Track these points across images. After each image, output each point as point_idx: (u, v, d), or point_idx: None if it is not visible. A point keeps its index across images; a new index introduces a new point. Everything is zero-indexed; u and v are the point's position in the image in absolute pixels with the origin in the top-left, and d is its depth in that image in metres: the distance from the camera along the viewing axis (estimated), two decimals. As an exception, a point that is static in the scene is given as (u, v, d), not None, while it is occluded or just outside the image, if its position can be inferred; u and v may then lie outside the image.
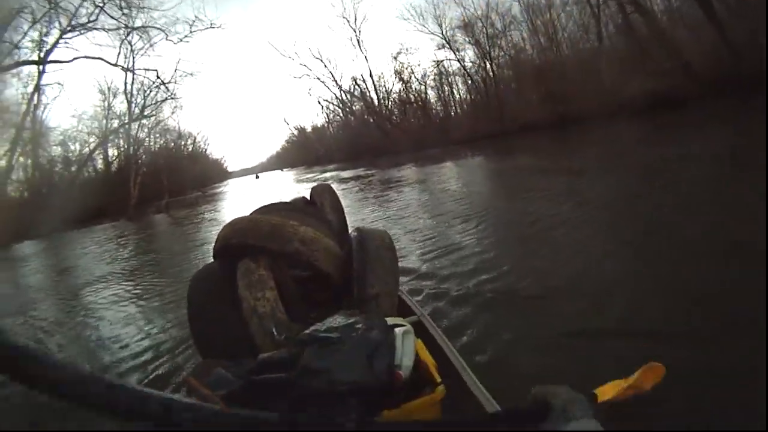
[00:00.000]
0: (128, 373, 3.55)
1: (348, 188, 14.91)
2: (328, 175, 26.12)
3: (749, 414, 1.99)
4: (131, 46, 28.87)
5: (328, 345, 1.51)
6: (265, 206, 3.03)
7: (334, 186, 4.38)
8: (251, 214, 2.85)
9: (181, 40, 29.46)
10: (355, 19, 35.88)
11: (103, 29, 26.48)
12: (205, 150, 49.90)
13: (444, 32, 29.93)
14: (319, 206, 3.45)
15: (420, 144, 28.01)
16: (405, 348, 1.60)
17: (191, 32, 29.07)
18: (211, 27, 31.06)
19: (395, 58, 34.37)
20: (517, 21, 27.09)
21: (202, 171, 43.38)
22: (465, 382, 1.82)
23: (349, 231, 2.88)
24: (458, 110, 32.31)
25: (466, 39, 29.04)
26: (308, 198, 3.61)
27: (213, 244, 2.67)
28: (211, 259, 2.68)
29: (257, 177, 58.49)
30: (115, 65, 28.69)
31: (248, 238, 2.47)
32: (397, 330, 1.64)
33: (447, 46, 30.07)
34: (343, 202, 3.71)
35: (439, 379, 1.59)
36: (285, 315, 2.22)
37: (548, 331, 2.77)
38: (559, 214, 5.47)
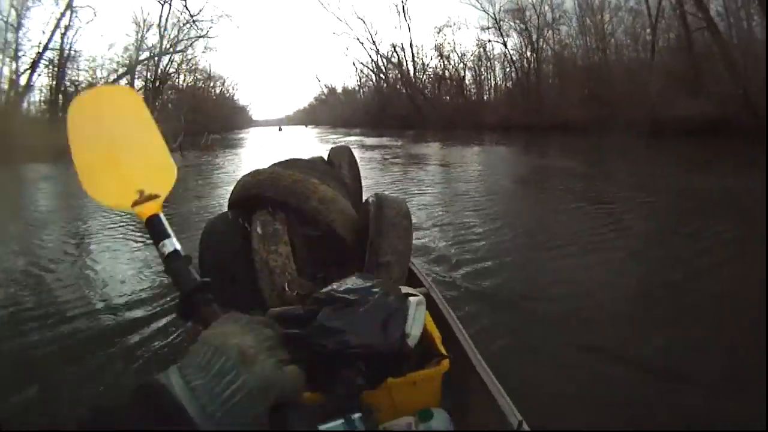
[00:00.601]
0: (135, 309, 3.61)
1: (371, 157, 14.61)
2: (352, 138, 25.83)
3: (749, 414, 2.02)
4: None
5: (345, 306, 1.49)
6: (284, 161, 3.02)
7: (356, 151, 4.20)
8: (271, 167, 2.83)
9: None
10: None
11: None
12: (233, 95, 49.69)
13: (495, 12, 29.03)
14: (337, 167, 3.43)
15: (450, 123, 27.56)
16: (416, 318, 1.62)
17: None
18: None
19: (439, 30, 33.47)
20: (567, 16, 26.49)
21: (226, 115, 43.28)
22: (469, 358, 1.82)
23: (365, 196, 2.93)
24: (493, 96, 31.68)
25: (514, 24, 28.29)
26: (326, 158, 3.58)
27: (229, 194, 2.67)
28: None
29: (280, 129, 58.33)
30: None
31: (268, 191, 2.48)
32: (411, 299, 1.65)
33: (494, 26, 29.21)
34: (363, 170, 3.66)
35: (444, 352, 1.63)
36: (295, 272, 2.22)
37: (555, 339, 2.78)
38: (589, 235, 5.00)
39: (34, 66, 25.62)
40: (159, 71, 30.55)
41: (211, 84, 42.17)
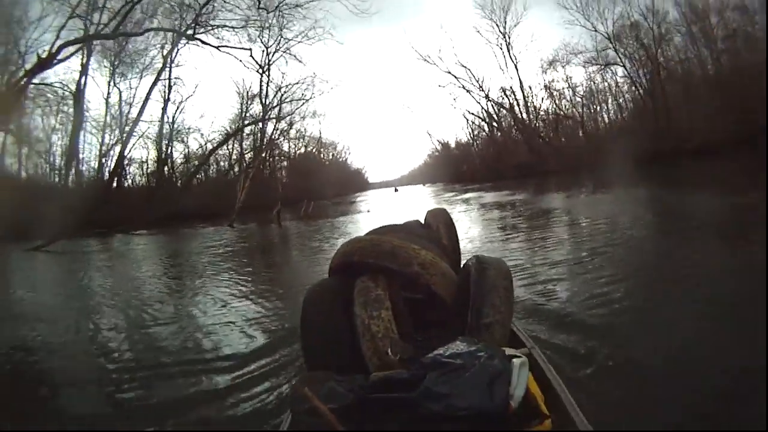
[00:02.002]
0: (241, 371, 3.91)
1: (491, 218, 14.37)
2: (470, 195, 25.76)
3: (749, 414, 2.02)
4: (266, 48, 29.84)
5: (451, 370, 1.57)
6: (382, 227, 3.18)
7: (474, 212, 4.32)
8: (369, 234, 3.02)
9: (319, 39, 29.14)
10: (505, 23, 34.13)
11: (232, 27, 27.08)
12: (345, 159, 52.25)
13: (608, 30, 27.79)
14: (435, 229, 3.53)
15: (572, 164, 26.40)
16: (519, 379, 1.66)
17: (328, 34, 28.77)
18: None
19: (547, 68, 32.64)
20: (675, 26, 25.25)
21: (341, 180, 45.36)
22: (573, 419, 1.82)
23: (464, 257, 3.03)
24: (610, 128, 30.11)
25: (628, 42, 26.92)
26: (423, 221, 3.71)
27: (330, 261, 2.85)
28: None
29: (396, 190, 59.70)
30: (258, 67, 29.59)
31: (369, 257, 2.58)
32: (514, 361, 1.71)
33: (609, 47, 27.86)
34: (479, 231, 3.82)
35: (547, 412, 1.66)
36: (397, 336, 2.31)
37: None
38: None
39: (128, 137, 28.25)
40: (264, 139, 32.25)
41: (323, 150, 44.56)
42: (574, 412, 1.85)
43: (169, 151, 31.72)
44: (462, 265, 2.75)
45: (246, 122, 32.10)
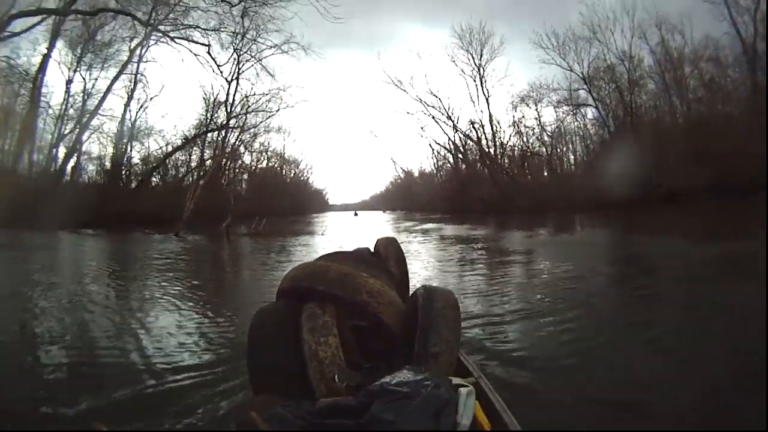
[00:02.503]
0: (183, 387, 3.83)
1: (450, 252, 13.23)
2: (430, 226, 24.90)
3: (749, 414, 2.16)
4: (238, 56, 29.12)
5: (398, 398, 1.61)
6: (331, 254, 3.20)
7: (434, 243, 5.08)
8: (318, 259, 3.04)
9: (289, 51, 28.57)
10: (481, 56, 33.73)
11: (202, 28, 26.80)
12: (307, 179, 51.04)
13: (583, 71, 27.87)
14: (384, 258, 3.50)
15: (537, 202, 25.75)
16: (466, 408, 1.72)
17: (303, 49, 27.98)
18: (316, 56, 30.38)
19: (518, 104, 32.36)
20: (649, 73, 25.84)
21: (300, 199, 44.06)
22: None
23: (412, 287, 3.13)
24: (576, 169, 30.33)
25: (600, 85, 27.10)
26: (372, 249, 3.69)
27: (278, 284, 2.83)
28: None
29: (356, 214, 59.26)
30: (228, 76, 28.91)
31: (318, 283, 2.58)
32: (461, 390, 1.77)
33: (585, 84, 27.91)
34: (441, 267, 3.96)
35: None
36: (344, 363, 2.32)
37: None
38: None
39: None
40: (225, 147, 30.98)
41: (285, 166, 43.16)
42: None
43: (128, 149, 30.18)
44: (411, 295, 2.77)
45: (208, 129, 30.86)
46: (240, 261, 14.60)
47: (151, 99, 29.68)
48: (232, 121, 30.92)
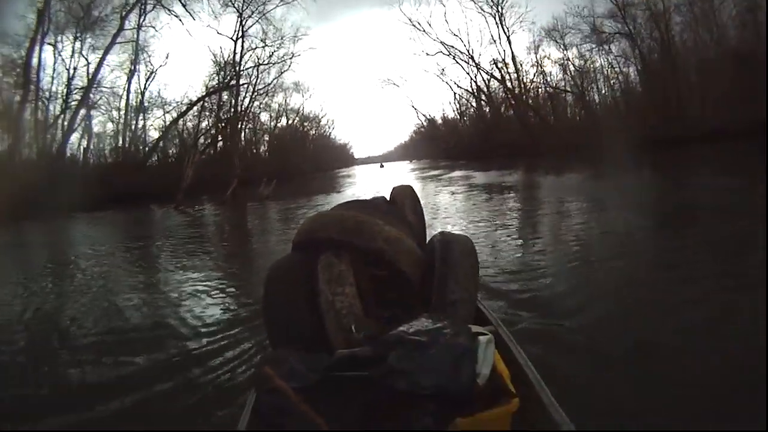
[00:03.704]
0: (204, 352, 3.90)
1: (484, 203, 12.30)
2: (457, 174, 24.13)
3: (749, 414, 2.13)
4: (240, 13, 28.75)
5: (416, 348, 1.57)
6: (346, 203, 3.13)
7: (467, 194, 4.16)
8: (333, 209, 2.95)
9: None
10: None
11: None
12: (329, 134, 50.60)
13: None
14: (400, 207, 3.44)
15: (567, 145, 24.75)
16: (486, 357, 1.66)
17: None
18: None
19: (542, 39, 30.97)
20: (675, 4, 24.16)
21: (324, 156, 43.80)
22: (540, 396, 1.85)
23: (429, 235, 3.02)
24: (611, 106, 28.70)
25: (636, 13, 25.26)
26: (388, 198, 3.59)
27: (294, 236, 2.76)
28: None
29: (381, 166, 59.22)
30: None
31: (333, 233, 2.53)
32: (480, 338, 1.71)
33: (618, 11, 26.08)
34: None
35: (514, 391, 1.66)
36: (362, 313, 2.29)
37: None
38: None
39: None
40: (239, 109, 30.36)
41: (306, 123, 42.69)
42: (541, 390, 1.87)
43: (135, 124, 30.07)
44: (427, 242, 2.77)
45: (209, 91, 30.11)
46: (233, 239, 12.12)
47: (156, 70, 29.64)
48: (243, 80, 30.23)
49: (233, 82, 29.57)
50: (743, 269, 4.71)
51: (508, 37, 31.64)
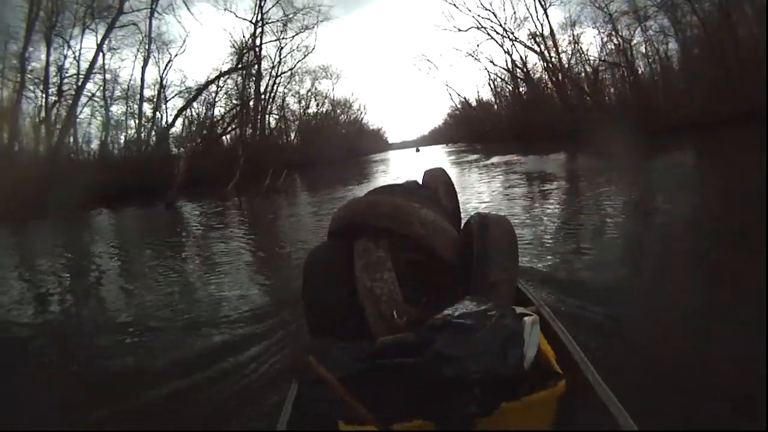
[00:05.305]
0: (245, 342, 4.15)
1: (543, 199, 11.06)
2: (496, 159, 22.35)
3: (749, 414, 2.10)
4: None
5: (462, 332, 1.54)
6: (380, 188, 3.10)
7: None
8: (367, 194, 2.94)
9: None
10: None
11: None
12: (361, 119, 49.79)
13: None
14: (434, 190, 3.38)
15: (613, 125, 22.95)
16: (531, 338, 1.63)
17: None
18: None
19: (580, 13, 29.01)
20: None
21: (350, 141, 43.02)
22: (586, 377, 1.81)
23: (464, 216, 3.09)
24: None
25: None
26: (420, 181, 3.58)
27: (329, 224, 2.73)
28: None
29: (417, 150, 58.77)
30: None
31: (369, 219, 2.50)
32: (525, 319, 1.70)
33: None
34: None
35: (560, 371, 1.66)
36: (401, 298, 2.24)
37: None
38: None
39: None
40: (261, 96, 29.97)
41: (337, 108, 41.88)
42: (588, 370, 1.83)
43: (156, 114, 29.78)
44: (463, 224, 2.70)
45: (221, 73, 29.37)
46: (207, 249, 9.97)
47: (175, 56, 29.57)
48: (265, 64, 30.16)
49: (260, 64, 29.94)
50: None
51: (545, 10, 29.94)
